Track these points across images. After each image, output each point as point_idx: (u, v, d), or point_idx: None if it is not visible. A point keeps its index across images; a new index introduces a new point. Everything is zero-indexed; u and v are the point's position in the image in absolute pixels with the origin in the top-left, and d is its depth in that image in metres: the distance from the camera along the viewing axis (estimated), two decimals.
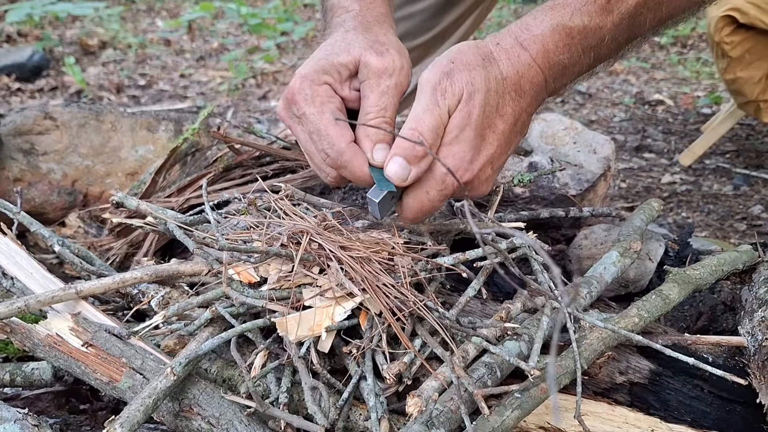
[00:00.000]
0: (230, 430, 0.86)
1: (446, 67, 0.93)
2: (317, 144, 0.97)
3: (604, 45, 0.97)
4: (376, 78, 0.99)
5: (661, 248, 1.26)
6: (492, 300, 1.11)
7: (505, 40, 0.96)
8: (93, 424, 1.03)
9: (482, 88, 0.92)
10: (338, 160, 0.95)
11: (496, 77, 0.94)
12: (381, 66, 0.98)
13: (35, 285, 1.04)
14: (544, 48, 0.94)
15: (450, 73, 0.92)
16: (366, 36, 1.02)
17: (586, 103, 3.24)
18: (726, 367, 1.01)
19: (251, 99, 3.37)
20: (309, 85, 0.98)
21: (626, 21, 0.96)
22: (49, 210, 1.61)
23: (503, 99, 0.94)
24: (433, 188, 0.94)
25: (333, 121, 0.96)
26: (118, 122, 1.66)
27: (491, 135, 0.95)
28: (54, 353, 0.94)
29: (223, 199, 1.25)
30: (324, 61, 0.99)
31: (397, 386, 0.91)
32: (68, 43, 4.01)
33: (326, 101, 0.97)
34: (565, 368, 0.92)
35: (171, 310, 0.94)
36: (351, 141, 0.96)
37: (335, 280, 0.94)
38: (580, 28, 0.94)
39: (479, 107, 0.92)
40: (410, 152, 0.91)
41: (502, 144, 0.96)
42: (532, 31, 0.95)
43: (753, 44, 2.18)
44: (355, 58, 0.99)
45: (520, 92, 0.95)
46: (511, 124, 0.96)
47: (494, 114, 0.94)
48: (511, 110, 0.95)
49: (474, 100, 0.92)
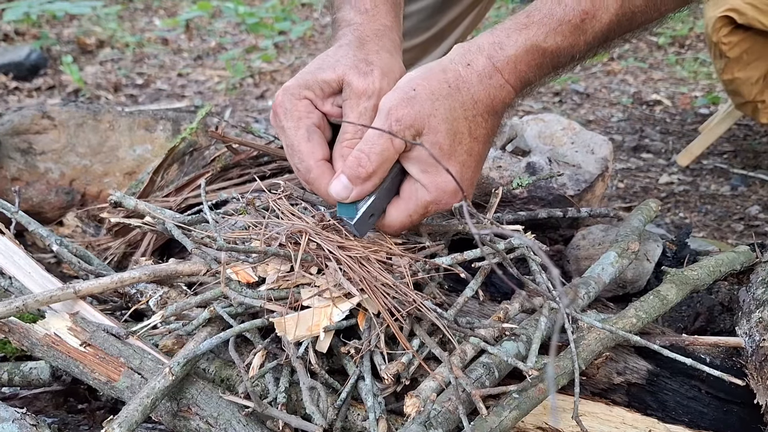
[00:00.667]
0: (228, 430, 0.86)
1: (407, 93, 0.93)
2: (291, 157, 1.00)
3: (574, 62, 0.99)
4: (356, 99, 1.00)
5: (659, 249, 1.26)
6: (490, 300, 1.11)
7: (477, 60, 0.95)
8: (91, 423, 1.03)
9: (448, 118, 0.93)
10: (306, 176, 0.98)
11: (464, 103, 0.94)
12: (361, 87, 1.00)
13: (33, 284, 1.04)
14: (517, 69, 0.95)
15: (411, 101, 0.92)
16: (356, 53, 1.03)
17: (584, 103, 3.24)
18: (723, 367, 1.01)
19: (249, 98, 3.37)
20: (289, 99, 1.00)
21: (599, 39, 0.97)
22: (47, 209, 1.61)
23: (475, 122, 0.95)
24: (415, 213, 0.98)
25: (306, 137, 0.98)
26: (115, 122, 1.66)
27: (469, 160, 0.97)
28: (52, 353, 0.94)
29: (221, 199, 1.25)
30: (309, 76, 1.01)
31: (395, 386, 0.91)
32: (66, 42, 4.00)
33: (303, 116, 0.99)
34: (563, 369, 0.92)
35: (169, 310, 0.94)
36: (321, 159, 0.98)
37: (333, 280, 0.94)
38: (553, 49, 0.95)
39: (448, 138, 0.93)
40: (353, 172, 0.93)
41: (479, 163, 0.99)
42: (506, 51, 0.95)
43: (751, 45, 2.18)
44: (339, 77, 1.01)
45: (493, 112, 0.96)
46: (485, 143, 0.98)
47: (468, 139, 0.95)
48: (484, 131, 0.97)
49: (440, 133, 0.93)
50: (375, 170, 0.93)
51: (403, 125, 0.91)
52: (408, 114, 0.91)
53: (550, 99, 3.29)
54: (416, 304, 0.92)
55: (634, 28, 1.00)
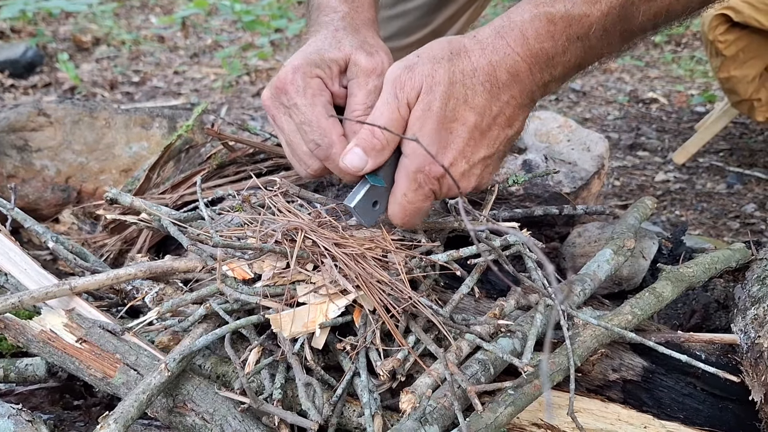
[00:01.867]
0: (224, 426, 0.86)
1: (410, 61, 0.92)
2: (307, 135, 0.98)
3: (592, 35, 0.93)
4: (364, 77, 1.00)
5: (655, 246, 1.26)
6: (486, 297, 1.11)
7: (483, 32, 0.94)
8: (87, 419, 1.03)
9: (444, 81, 0.91)
10: (328, 151, 0.97)
11: (463, 69, 0.92)
12: (370, 66, 1.00)
13: (29, 281, 1.04)
14: (523, 35, 0.91)
15: (412, 67, 0.92)
16: (355, 36, 1.04)
17: (581, 101, 3.24)
18: (719, 364, 1.01)
19: (245, 96, 3.37)
20: (302, 77, 0.99)
21: (615, 11, 0.92)
22: (43, 206, 1.60)
23: (473, 90, 0.92)
24: (408, 189, 0.94)
25: (325, 113, 0.97)
26: (112, 119, 1.65)
27: (460, 128, 0.93)
28: (48, 349, 0.94)
29: (217, 196, 1.25)
30: (315, 55, 1.01)
31: (390, 383, 0.91)
32: (62, 40, 3.99)
33: (318, 94, 0.99)
34: (558, 365, 0.92)
35: (165, 307, 0.94)
36: (341, 134, 0.98)
37: (329, 277, 0.94)
38: (562, 14, 0.90)
39: (440, 100, 0.90)
40: (368, 143, 0.92)
41: (475, 136, 0.94)
42: (512, 18, 0.93)
43: (747, 43, 2.19)
44: (346, 56, 1.01)
45: (496, 83, 0.92)
46: (488, 117, 0.93)
47: (462, 106, 0.92)
48: (483, 101, 0.93)
49: (434, 93, 0.90)
50: (388, 141, 0.92)
51: (406, 89, 0.91)
52: (410, 77, 0.91)
53: (546, 97, 3.29)
54: (412, 301, 0.92)
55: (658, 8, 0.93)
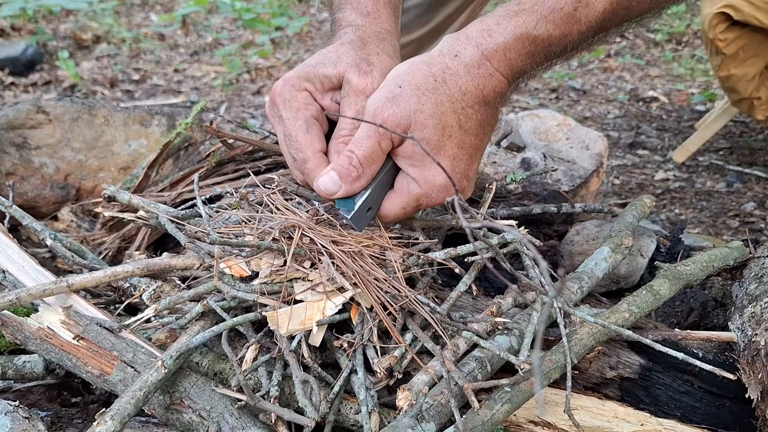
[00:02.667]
0: (221, 423, 0.86)
1: (392, 92, 0.92)
2: (287, 147, 1.00)
3: (569, 51, 0.97)
4: (354, 96, 1.00)
5: (653, 244, 1.26)
6: (483, 295, 1.11)
7: (465, 50, 0.94)
8: (85, 417, 1.03)
9: (434, 113, 0.92)
10: (302, 167, 0.99)
11: (451, 96, 0.92)
12: (360, 85, 1.00)
13: (27, 278, 1.04)
14: (506, 57, 0.93)
15: (395, 99, 0.91)
16: (358, 52, 1.03)
17: (581, 99, 3.24)
18: (716, 362, 1.01)
19: (245, 94, 3.37)
20: (289, 90, 1.00)
21: (594, 29, 0.94)
22: (41, 204, 1.60)
23: (465, 114, 0.94)
24: (408, 206, 0.98)
25: (304, 128, 0.99)
26: (111, 116, 1.65)
27: (461, 152, 0.96)
28: (45, 346, 0.94)
29: (215, 194, 1.25)
30: (309, 69, 1.01)
31: (387, 380, 0.91)
32: (62, 38, 3.99)
33: (302, 107, 1.00)
34: (555, 363, 0.92)
35: (162, 304, 0.94)
36: (318, 151, 0.99)
37: (326, 275, 0.94)
38: (544, 37, 0.92)
39: (435, 132, 0.92)
40: (344, 170, 0.93)
41: (472, 155, 0.97)
42: (495, 38, 0.93)
43: (747, 41, 2.18)
44: (340, 73, 1.01)
45: (483, 103, 0.95)
46: (478, 134, 0.96)
47: (458, 132, 0.94)
48: (476, 123, 0.95)
49: (428, 127, 0.92)
50: (364, 170, 0.94)
51: (389, 125, 0.91)
52: (393, 114, 0.91)
53: (546, 95, 3.29)
54: (409, 299, 0.92)
55: (631, 18, 0.98)
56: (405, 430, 0.81)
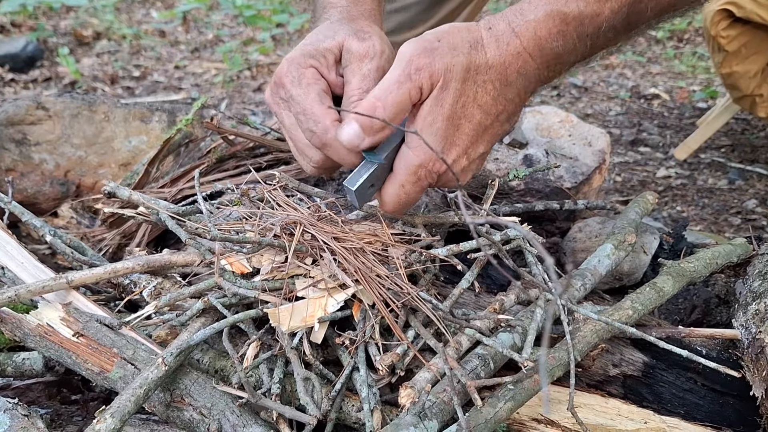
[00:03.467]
0: (222, 421, 0.85)
1: (431, 44, 0.90)
2: (303, 124, 0.96)
3: (601, 33, 0.93)
4: (357, 62, 0.99)
5: (656, 241, 1.25)
6: (486, 292, 1.11)
7: (498, 24, 0.93)
8: (85, 414, 1.03)
9: (460, 77, 0.89)
10: (323, 137, 0.94)
11: (478, 65, 0.90)
12: (362, 50, 0.99)
13: (26, 275, 1.04)
14: (536, 35, 0.91)
15: (432, 51, 0.89)
16: (350, 25, 1.03)
17: (582, 96, 3.23)
18: (719, 359, 1.00)
19: (246, 91, 3.36)
20: (296, 68, 0.98)
21: (626, 9, 0.92)
22: (41, 200, 1.60)
23: (483, 88, 0.91)
24: (407, 182, 0.93)
25: (319, 100, 0.96)
26: (111, 113, 1.65)
27: (466, 125, 0.92)
28: (45, 343, 0.93)
29: (216, 190, 1.24)
30: (310, 47, 1.01)
31: (389, 377, 0.91)
32: (62, 34, 3.98)
33: (312, 83, 0.98)
34: (558, 360, 0.91)
35: (163, 301, 0.93)
36: (336, 119, 0.95)
37: (328, 271, 0.94)
38: (575, 14, 0.90)
39: (453, 97, 0.90)
40: (368, 121, 0.89)
41: (479, 133, 0.94)
42: (526, 16, 0.91)
43: (749, 38, 2.17)
44: (339, 43, 1.00)
45: (505, 82, 0.92)
46: (492, 115, 0.93)
47: (471, 104, 0.91)
48: (491, 100, 0.92)
49: (449, 90, 0.89)
50: (391, 119, 0.89)
51: (422, 75, 0.88)
52: (429, 64, 0.88)
53: (548, 93, 3.28)
54: (411, 296, 0.92)
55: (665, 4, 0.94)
56: (407, 427, 0.80)
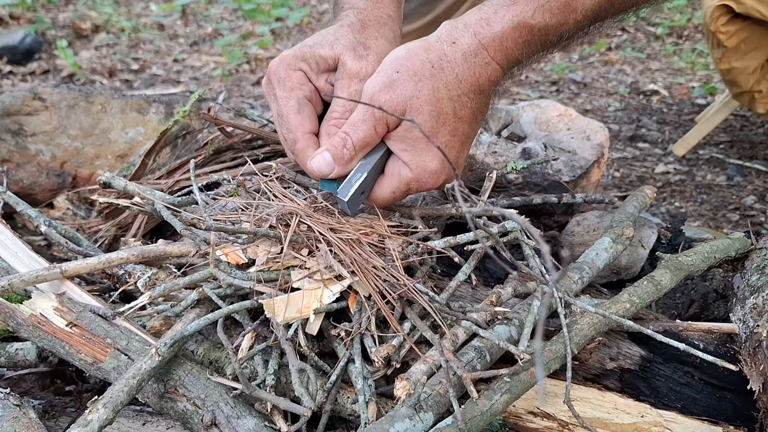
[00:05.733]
0: (216, 412, 0.85)
1: (389, 77, 0.92)
2: (279, 126, 1.01)
3: (563, 41, 0.97)
4: (347, 79, 1.01)
5: (654, 235, 1.25)
6: (483, 285, 1.10)
7: (462, 38, 0.94)
8: (78, 405, 1.02)
9: (430, 99, 0.92)
10: (292, 147, 0.99)
11: (447, 83, 0.93)
12: (354, 69, 1.00)
13: (20, 264, 1.03)
14: (503, 46, 0.94)
15: (392, 85, 0.92)
16: (356, 35, 1.03)
17: (581, 92, 3.23)
18: (717, 353, 1.00)
19: (245, 84, 3.35)
20: (284, 69, 1.00)
21: (589, 18, 0.96)
22: (37, 191, 1.59)
23: (460, 102, 0.94)
24: (399, 190, 0.98)
25: (296, 109, 0.99)
26: (108, 104, 1.64)
27: (453, 140, 0.96)
28: (38, 333, 0.93)
29: (212, 181, 1.24)
30: (306, 49, 1.02)
31: (385, 369, 0.91)
32: (61, 27, 3.97)
33: (296, 87, 1.00)
34: (555, 353, 0.91)
35: (157, 291, 0.93)
36: (308, 132, 0.99)
37: (324, 263, 0.93)
38: (541, 26, 0.93)
39: (430, 118, 0.93)
40: (338, 152, 0.94)
41: (464, 143, 0.99)
42: (493, 27, 0.93)
43: (748, 34, 2.17)
44: (336, 54, 1.02)
45: (478, 91, 0.95)
46: (471, 122, 0.97)
47: (452, 119, 0.95)
48: (470, 111, 0.96)
49: (423, 114, 0.92)
50: (357, 152, 0.95)
51: (385, 108, 0.91)
52: (390, 99, 0.91)
53: (547, 88, 3.27)
54: (407, 288, 0.91)
55: (627, 7, 0.99)
56: (403, 419, 0.80)
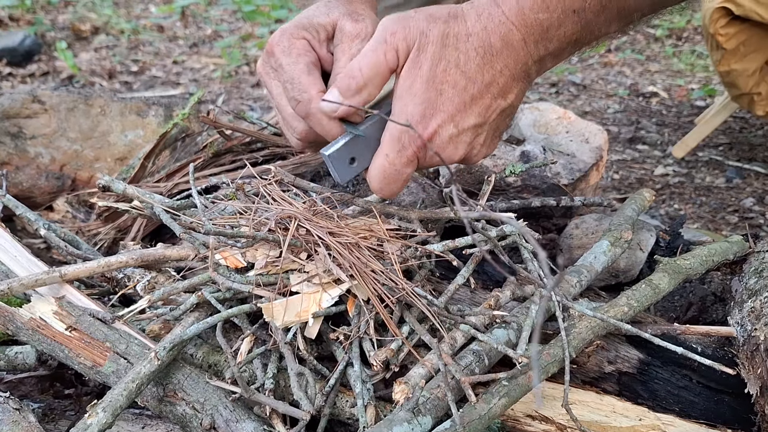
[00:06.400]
0: (215, 416, 0.85)
1: (407, 15, 0.91)
2: (289, 92, 0.97)
3: (588, 8, 0.91)
4: (348, 42, 1.00)
5: (652, 238, 1.25)
6: (481, 288, 1.10)
7: None
8: (77, 408, 1.02)
9: (437, 41, 0.89)
10: (307, 106, 0.94)
11: (457, 33, 0.90)
12: (354, 31, 1.00)
13: (19, 268, 1.03)
14: (518, 4, 0.90)
15: (408, 19, 0.90)
16: (346, 6, 1.04)
17: (581, 94, 3.23)
18: (715, 357, 1.00)
19: (244, 86, 3.35)
20: (288, 38, 0.99)
21: None
22: (37, 194, 1.59)
23: (465, 55, 0.90)
24: (391, 150, 0.91)
25: (306, 71, 0.97)
26: (107, 106, 1.64)
27: (450, 90, 0.91)
28: (37, 337, 0.93)
29: (211, 184, 1.24)
30: (304, 20, 1.01)
31: (384, 373, 0.91)
32: (60, 28, 3.97)
33: (303, 53, 0.99)
34: (553, 356, 0.91)
35: (156, 295, 0.93)
36: (321, 91, 0.95)
37: (323, 266, 0.93)
38: None
39: (431, 59, 0.89)
40: (344, 83, 0.90)
41: (465, 102, 0.91)
42: None
43: (747, 36, 2.17)
44: (333, 21, 1.01)
45: (490, 50, 0.91)
46: (479, 84, 0.91)
47: (453, 69, 0.90)
48: (475, 67, 0.91)
49: (426, 52, 0.89)
50: (366, 82, 0.90)
51: (396, 38, 0.89)
52: (403, 27, 0.89)
53: (546, 90, 3.27)
54: (406, 291, 0.91)
55: None
56: (401, 423, 0.80)
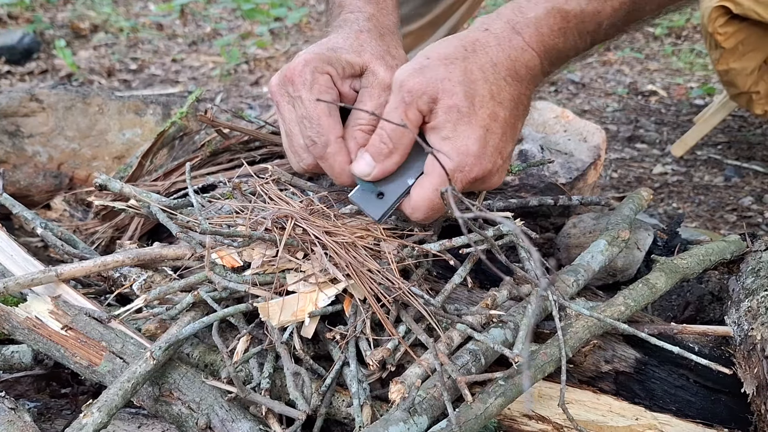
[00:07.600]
0: (210, 415, 0.85)
1: (419, 63, 0.90)
2: (306, 130, 0.97)
3: (601, 30, 0.94)
4: (378, 89, 0.99)
5: (650, 237, 1.25)
6: (478, 287, 1.10)
7: (495, 24, 0.92)
8: (74, 408, 1.02)
9: (464, 81, 0.89)
10: (323, 150, 0.96)
11: (482, 66, 0.90)
12: (387, 80, 0.98)
13: (15, 267, 1.03)
14: (538, 32, 0.91)
15: (422, 70, 0.89)
16: (379, 43, 1.02)
17: (579, 92, 3.23)
18: (712, 356, 1.00)
19: (243, 85, 3.35)
20: (311, 71, 0.97)
21: (627, 5, 0.92)
22: (34, 193, 1.59)
23: (497, 85, 0.90)
24: (442, 186, 0.90)
25: (327, 112, 0.96)
26: (105, 105, 1.64)
27: (493, 124, 0.91)
28: (33, 336, 0.93)
29: (209, 183, 1.24)
30: (331, 53, 0.99)
31: (380, 373, 0.90)
32: (59, 26, 3.97)
33: (324, 91, 0.97)
34: (550, 356, 0.91)
35: (152, 294, 0.92)
36: (339, 136, 0.96)
37: (319, 266, 0.93)
38: (576, 12, 0.91)
39: (466, 99, 0.89)
40: (377, 149, 0.92)
41: (506, 131, 0.93)
42: (526, 14, 0.91)
43: (746, 35, 2.17)
44: (364, 62, 1.00)
45: (516, 77, 0.92)
46: (512, 110, 0.92)
47: (491, 102, 0.90)
48: (509, 95, 0.92)
49: (457, 95, 0.88)
50: (395, 145, 0.91)
51: (414, 95, 0.89)
52: (419, 82, 0.88)
53: (545, 88, 3.27)
54: (403, 291, 0.91)
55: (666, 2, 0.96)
56: (397, 423, 0.80)
